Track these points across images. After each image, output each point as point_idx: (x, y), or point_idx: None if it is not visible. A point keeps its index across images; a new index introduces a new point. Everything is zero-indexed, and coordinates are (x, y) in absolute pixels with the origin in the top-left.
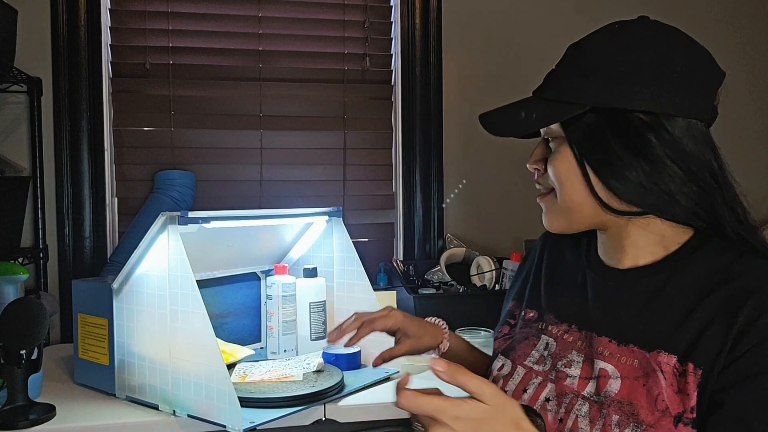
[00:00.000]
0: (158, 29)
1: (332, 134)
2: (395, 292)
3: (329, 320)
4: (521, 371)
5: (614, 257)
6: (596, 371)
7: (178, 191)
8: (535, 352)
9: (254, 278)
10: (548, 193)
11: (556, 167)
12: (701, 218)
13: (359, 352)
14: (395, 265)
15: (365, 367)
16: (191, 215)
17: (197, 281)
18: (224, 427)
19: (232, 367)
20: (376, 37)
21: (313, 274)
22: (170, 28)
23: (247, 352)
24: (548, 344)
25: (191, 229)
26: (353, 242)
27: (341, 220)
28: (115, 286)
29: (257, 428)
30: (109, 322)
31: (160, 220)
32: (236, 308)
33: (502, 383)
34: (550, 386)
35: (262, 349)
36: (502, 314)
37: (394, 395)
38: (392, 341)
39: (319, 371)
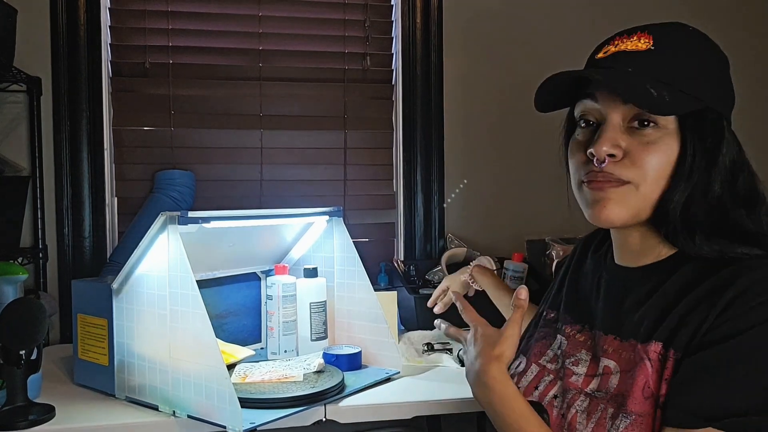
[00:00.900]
0: (158, 28)
1: (333, 134)
2: (396, 292)
3: (330, 320)
4: (535, 369)
5: (627, 258)
6: (600, 369)
7: (178, 191)
8: (549, 351)
9: (254, 278)
10: (620, 183)
11: (657, 157)
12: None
13: (360, 352)
14: (396, 265)
15: (366, 367)
16: (191, 215)
17: (197, 281)
18: (224, 427)
19: (232, 367)
20: (376, 36)
21: (313, 274)
22: (170, 27)
23: (247, 352)
24: (561, 343)
25: (191, 229)
26: (354, 242)
27: (342, 220)
28: (114, 286)
29: (257, 429)
30: (108, 322)
31: (159, 219)
32: (236, 308)
33: (516, 380)
34: (559, 384)
35: (262, 349)
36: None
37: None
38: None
39: (319, 372)
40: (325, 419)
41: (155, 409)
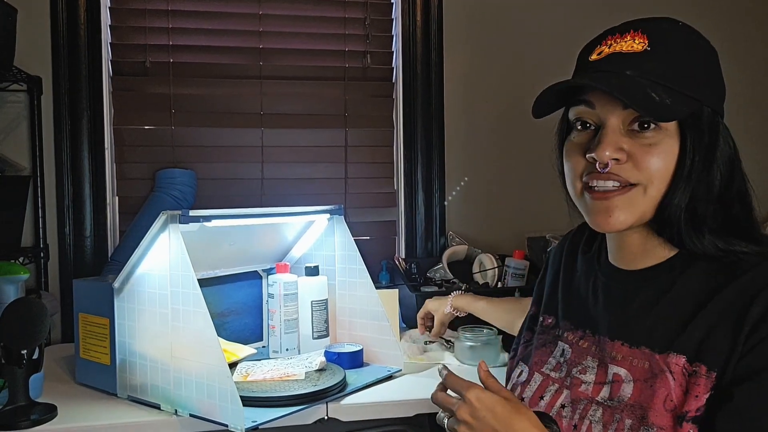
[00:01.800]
0: (158, 27)
1: (333, 132)
2: (397, 290)
3: (331, 319)
4: (538, 378)
5: (625, 260)
6: (610, 376)
7: (179, 190)
8: (552, 359)
9: (256, 277)
10: (626, 187)
11: (661, 159)
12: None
13: (361, 350)
14: (397, 263)
15: (367, 365)
16: (192, 214)
17: (198, 280)
18: (226, 426)
19: (233, 366)
20: (377, 34)
21: (314, 272)
22: (170, 26)
23: (248, 351)
24: (564, 351)
25: (192, 227)
26: (355, 240)
27: (343, 218)
28: (116, 285)
29: (259, 427)
30: (110, 321)
31: (161, 218)
32: (238, 307)
33: (519, 390)
34: (565, 393)
35: (263, 347)
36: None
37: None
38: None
39: (321, 370)
40: (327, 417)
41: (157, 408)
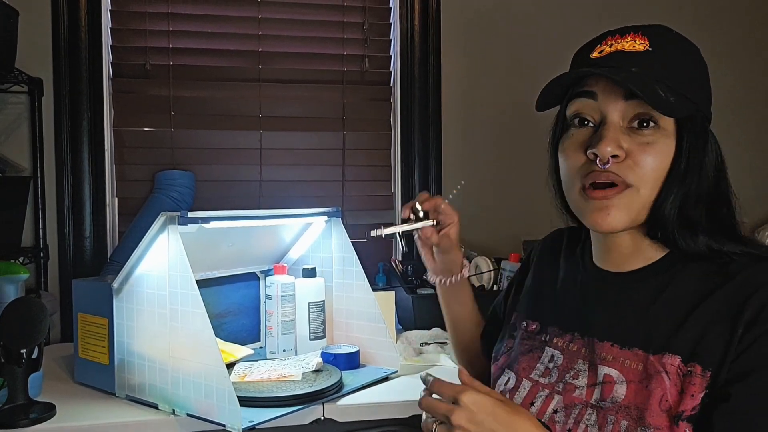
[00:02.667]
0: (158, 30)
1: (331, 135)
2: (394, 292)
3: (328, 320)
4: (527, 384)
5: (614, 262)
6: (600, 377)
7: (178, 191)
8: (540, 364)
9: (253, 278)
10: (623, 187)
11: (656, 159)
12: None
13: (358, 351)
14: (394, 265)
15: (364, 366)
16: (191, 215)
17: (197, 281)
18: (223, 426)
19: (231, 366)
20: (375, 38)
21: (312, 274)
22: (170, 29)
23: (246, 351)
24: (554, 356)
25: (191, 229)
26: (352, 242)
27: (340, 220)
28: (115, 285)
29: (256, 427)
30: (109, 321)
31: (160, 220)
32: (235, 308)
33: (508, 397)
34: (557, 398)
35: (261, 348)
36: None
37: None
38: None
39: (317, 371)
40: (323, 418)
41: (155, 407)
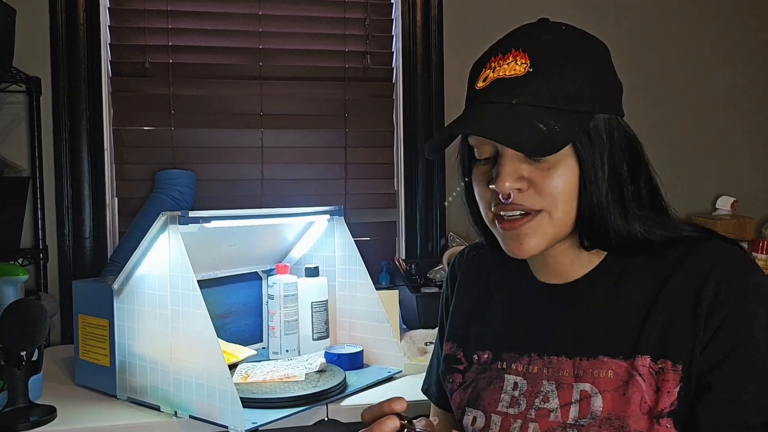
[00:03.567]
0: (158, 28)
1: (333, 133)
2: (397, 291)
3: (331, 320)
4: (497, 419)
5: (555, 274)
6: (576, 395)
7: (178, 191)
8: (504, 395)
9: (256, 278)
10: (531, 214)
11: (561, 181)
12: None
13: (362, 351)
14: (397, 263)
15: (368, 366)
16: (192, 215)
17: (198, 281)
18: (226, 428)
19: (233, 367)
20: (377, 34)
21: (314, 273)
22: (170, 26)
23: (248, 352)
24: (517, 383)
25: (192, 228)
26: (355, 241)
27: (343, 219)
28: (115, 286)
29: (259, 429)
30: (109, 322)
31: (160, 219)
32: (238, 308)
33: None
34: (532, 426)
35: (263, 349)
36: (437, 358)
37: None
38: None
39: (321, 371)
40: (327, 419)
41: (157, 409)
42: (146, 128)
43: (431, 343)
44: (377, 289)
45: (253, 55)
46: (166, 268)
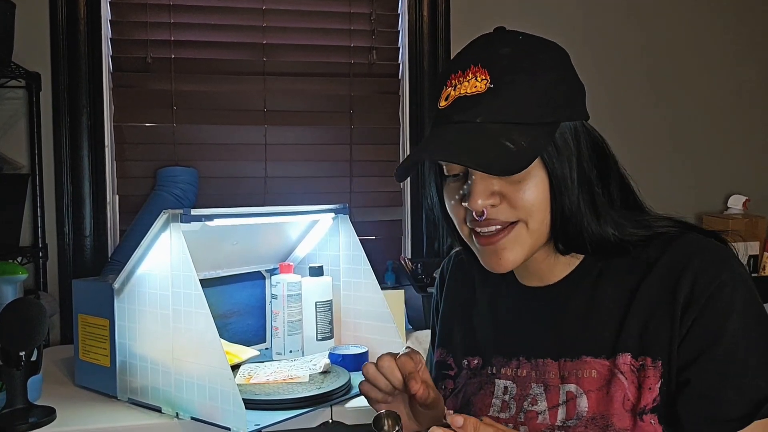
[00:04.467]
0: (160, 22)
1: (338, 129)
2: (403, 291)
3: (335, 320)
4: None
5: (536, 277)
6: (562, 396)
7: (180, 188)
8: (495, 399)
9: (259, 277)
10: (508, 227)
11: (532, 192)
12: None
13: (366, 352)
14: (403, 263)
15: None
16: (194, 213)
17: (200, 280)
18: (228, 429)
19: (236, 368)
20: (382, 29)
21: (319, 272)
22: (172, 21)
23: (251, 352)
24: (507, 388)
25: (194, 227)
26: (360, 240)
27: (348, 217)
28: (116, 285)
29: (262, 431)
30: (110, 322)
31: (162, 218)
32: (240, 308)
33: None
34: (522, 429)
35: (267, 349)
36: (430, 363)
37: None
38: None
39: (325, 372)
40: (331, 420)
41: (158, 410)
42: (148, 124)
43: None
44: (383, 288)
45: (256, 50)
46: (167, 267)
